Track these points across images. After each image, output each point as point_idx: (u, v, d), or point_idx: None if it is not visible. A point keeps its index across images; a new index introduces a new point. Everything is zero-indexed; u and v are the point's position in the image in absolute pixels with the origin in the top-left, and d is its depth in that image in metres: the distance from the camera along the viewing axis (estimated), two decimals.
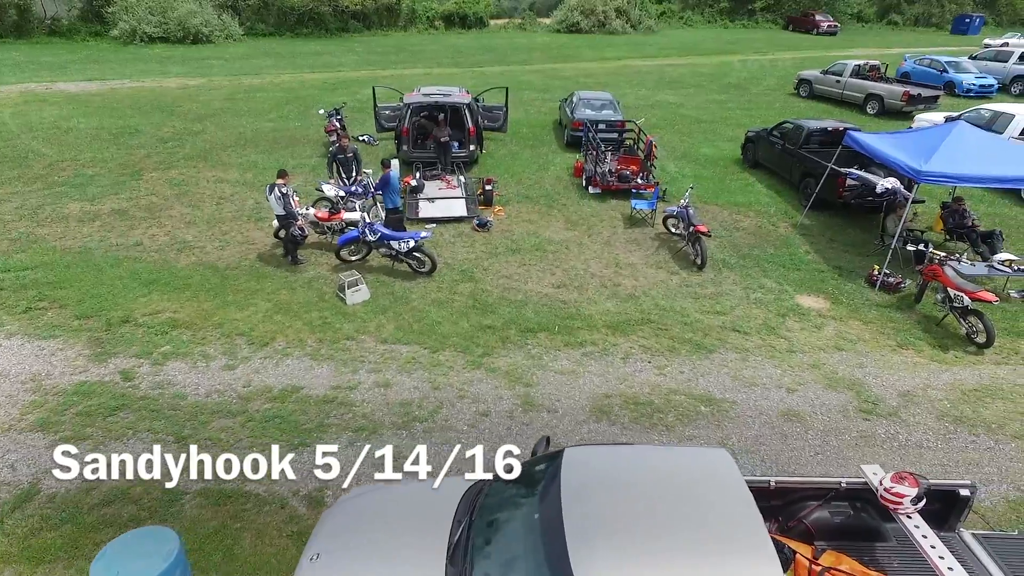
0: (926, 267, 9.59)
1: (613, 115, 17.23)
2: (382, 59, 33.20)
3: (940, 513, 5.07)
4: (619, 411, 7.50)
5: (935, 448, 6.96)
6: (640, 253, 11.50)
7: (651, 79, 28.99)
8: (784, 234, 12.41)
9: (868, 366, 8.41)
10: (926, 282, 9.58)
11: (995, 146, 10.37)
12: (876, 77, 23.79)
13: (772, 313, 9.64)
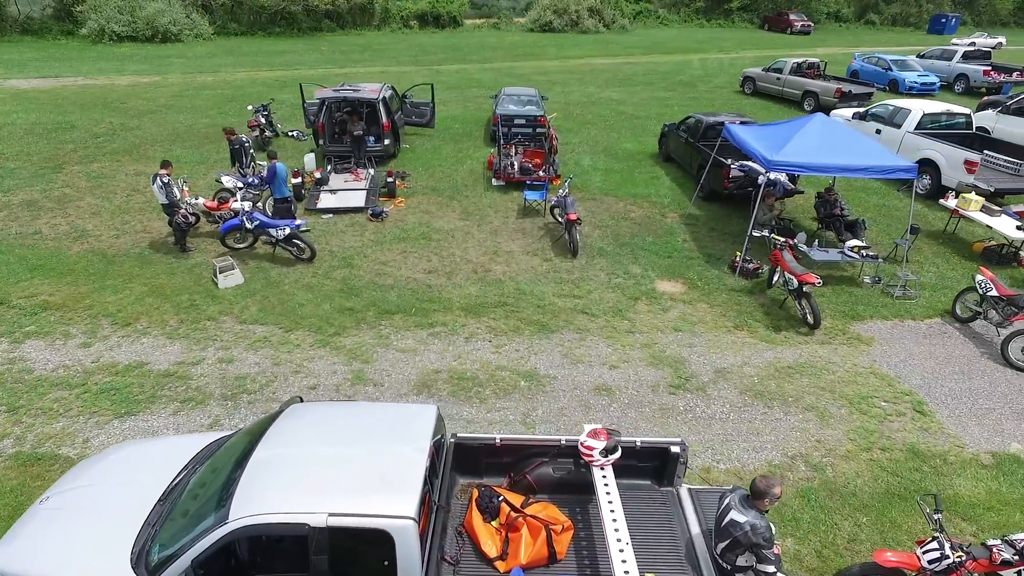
0: (771, 253, 10.02)
1: (535, 111, 17.64)
2: (344, 58, 33.62)
3: (659, 469, 5.52)
4: (441, 385, 7.93)
5: (724, 419, 7.39)
6: (522, 241, 11.94)
7: (604, 77, 29.42)
8: (669, 224, 12.84)
9: (697, 345, 8.85)
10: (772, 267, 10.01)
11: (847, 137, 10.77)
12: (814, 75, 24.21)
13: (626, 297, 10.07)
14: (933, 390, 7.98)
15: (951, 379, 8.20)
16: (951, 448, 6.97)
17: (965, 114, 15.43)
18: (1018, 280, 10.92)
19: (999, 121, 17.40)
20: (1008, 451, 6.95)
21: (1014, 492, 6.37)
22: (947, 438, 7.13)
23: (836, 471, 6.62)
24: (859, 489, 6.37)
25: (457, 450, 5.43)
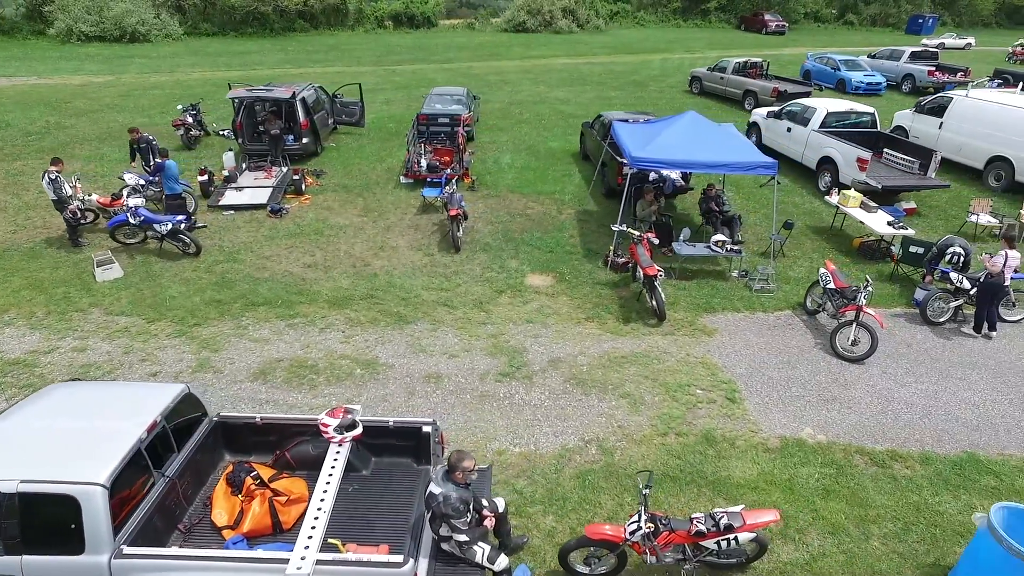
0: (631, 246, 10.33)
1: (460, 110, 17.93)
2: (307, 58, 33.98)
3: (415, 448, 5.83)
4: (279, 373, 8.24)
5: (538, 406, 7.69)
6: (412, 237, 12.25)
7: (559, 77, 29.72)
8: (563, 220, 13.14)
9: (543, 336, 9.15)
10: (634, 261, 10.30)
11: (714, 134, 11.06)
12: (755, 75, 24.49)
13: (493, 290, 10.37)
14: (753, 379, 8.27)
15: (775, 368, 8.49)
16: (744, 433, 7.26)
17: (870, 113, 15.71)
18: (884, 274, 11.20)
19: (915, 120, 17.68)
20: (798, 436, 7.24)
21: (784, 473, 6.67)
22: (745, 424, 7.42)
23: (623, 454, 6.91)
24: (637, 471, 6.65)
25: (223, 429, 5.74)
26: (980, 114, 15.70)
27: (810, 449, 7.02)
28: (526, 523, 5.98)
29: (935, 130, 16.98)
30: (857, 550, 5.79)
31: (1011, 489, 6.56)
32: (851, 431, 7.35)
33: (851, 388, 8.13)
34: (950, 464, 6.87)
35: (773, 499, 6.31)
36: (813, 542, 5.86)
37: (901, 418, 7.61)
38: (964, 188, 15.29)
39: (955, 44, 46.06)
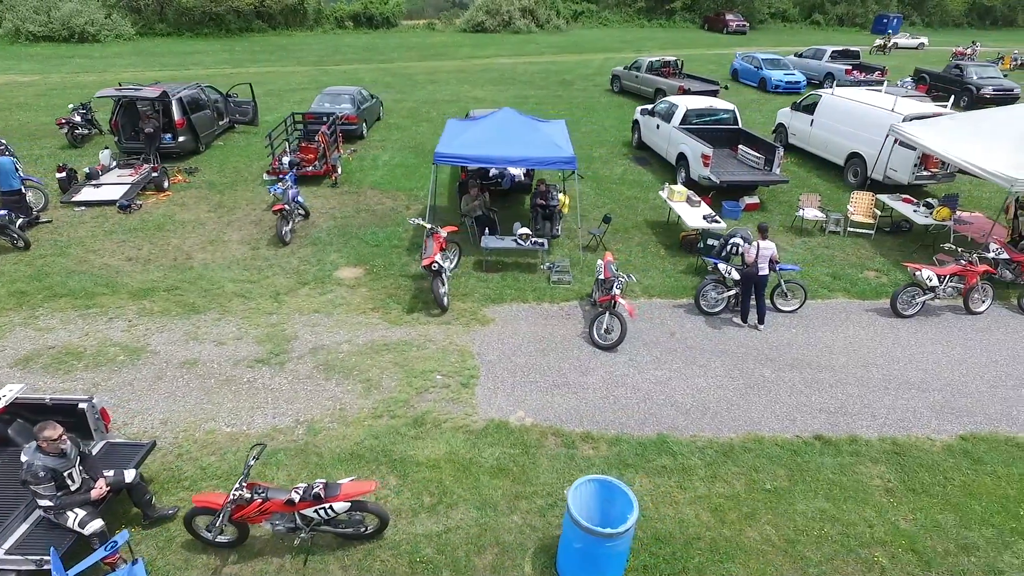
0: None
1: (348, 109, 18.26)
2: (250, 58, 34.33)
3: (78, 424, 6.15)
4: (43, 359, 8.55)
5: (275, 389, 7.99)
6: (248, 232, 12.56)
7: (490, 76, 30.03)
8: (408, 215, 13.43)
9: (321, 325, 9.45)
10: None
11: (524, 130, 11.33)
12: (668, 73, 24.78)
13: (296, 282, 10.68)
14: (499, 366, 8.56)
15: (527, 356, 8.79)
16: (457, 416, 7.56)
17: (729, 110, 15.99)
18: (693, 267, 11.49)
19: (792, 118, 17.98)
20: (506, 419, 7.54)
21: (469, 453, 6.96)
22: (463, 407, 7.72)
23: (327, 435, 7.22)
24: (329, 451, 6.97)
25: None
26: (841, 112, 16.00)
27: (509, 431, 7.33)
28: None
29: (808, 127, 17.29)
30: (494, 523, 6.09)
31: (681, 468, 6.86)
32: (562, 415, 7.65)
33: (590, 375, 8.43)
34: (635, 445, 7.16)
35: (443, 476, 6.61)
36: (456, 515, 6.16)
37: (620, 403, 7.91)
38: (830, 184, 15.57)
39: (908, 44, 46.33)
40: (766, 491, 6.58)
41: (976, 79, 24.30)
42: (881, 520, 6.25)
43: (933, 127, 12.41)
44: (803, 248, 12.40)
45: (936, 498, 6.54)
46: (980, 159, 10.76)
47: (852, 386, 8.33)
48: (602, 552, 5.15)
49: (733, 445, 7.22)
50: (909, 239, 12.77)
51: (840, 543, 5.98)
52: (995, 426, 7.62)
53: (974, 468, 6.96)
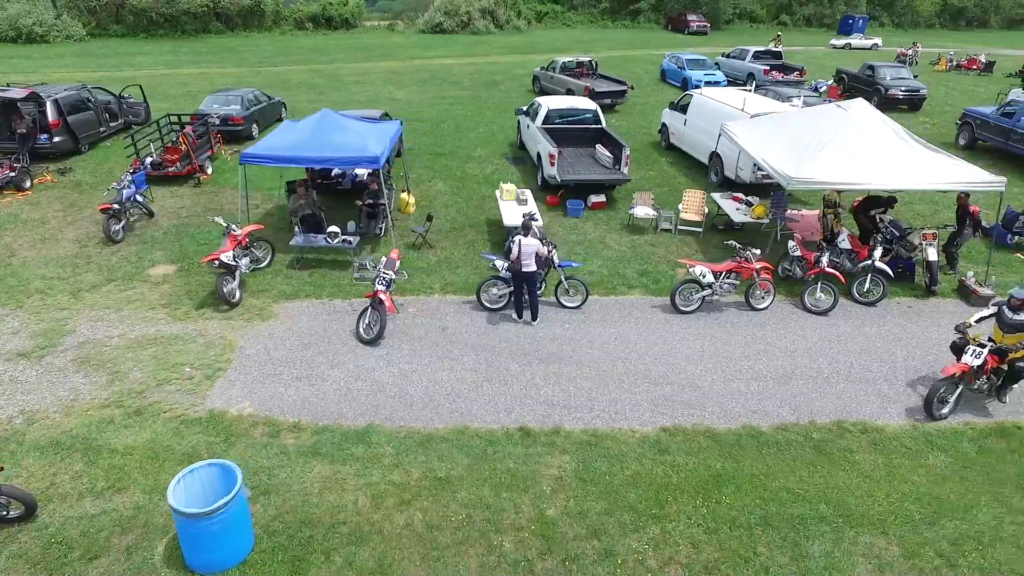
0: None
1: (236, 111, 18.53)
2: (191, 59, 34.67)
3: None
4: None
5: (23, 381, 8.21)
6: (88, 230, 12.81)
7: (419, 77, 30.27)
8: (256, 214, 13.68)
9: (104, 321, 9.70)
10: None
11: (338, 131, 11.45)
12: (582, 73, 25.01)
13: (104, 279, 10.94)
14: (255, 359, 8.80)
15: (287, 350, 9.03)
16: (181, 406, 7.80)
17: (591, 110, 16.21)
18: None
19: (671, 118, 18.21)
20: (227, 409, 7.78)
21: (170, 441, 7.20)
22: (193, 398, 7.97)
23: (43, 424, 7.46)
24: (32, 439, 7.20)
25: None
26: (706, 111, 16.22)
27: (221, 421, 7.57)
28: None
29: (682, 127, 17.52)
30: (152, 508, 6.32)
31: (369, 456, 7.09)
32: (286, 405, 7.89)
33: (338, 368, 8.68)
34: (339, 434, 7.40)
35: (129, 463, 6.86)
36: (119, 500, 6.40)
37: (351, 394, 8.15)
38: (696, 184, 15.66)
39: (861, 44, 46.50)
40: (437, 479, 6.81)
41: (886, 80, 24.48)
42: (532, 508, 6.47)
43: (752, 126, 12.64)
44: (628, 246, 12.63)
45: (599, 487, 6.77)
46: (772, 157, 10.99)
47: (589, 380, 8.55)
48: (200, 531, 5.39)
49: (434, 435, 7.46)
50: (738, 237, 12.93)
51: (478, 529, 6.21)
52: (702, 419, 7.84)
53: (655, 458, 7.18)
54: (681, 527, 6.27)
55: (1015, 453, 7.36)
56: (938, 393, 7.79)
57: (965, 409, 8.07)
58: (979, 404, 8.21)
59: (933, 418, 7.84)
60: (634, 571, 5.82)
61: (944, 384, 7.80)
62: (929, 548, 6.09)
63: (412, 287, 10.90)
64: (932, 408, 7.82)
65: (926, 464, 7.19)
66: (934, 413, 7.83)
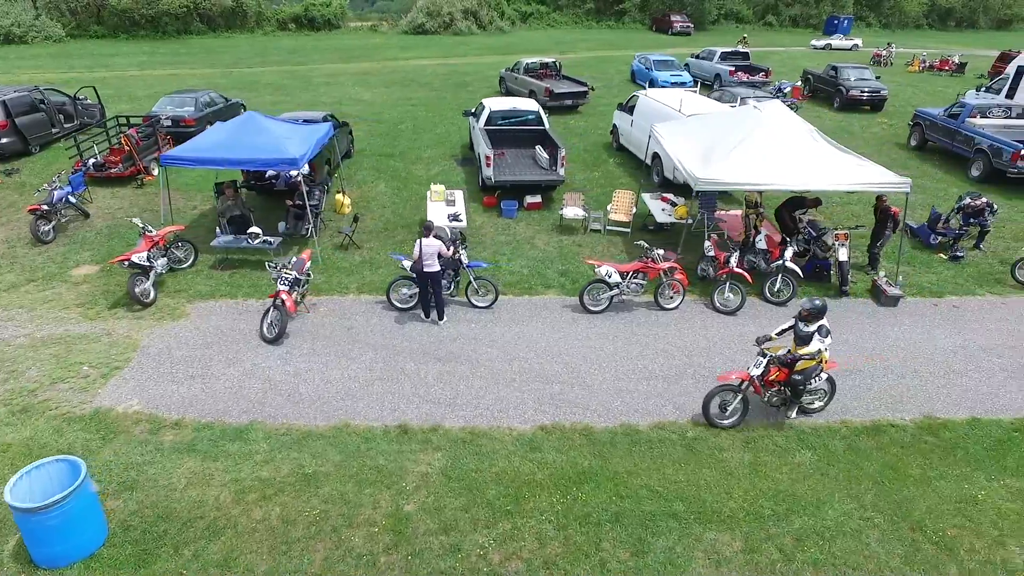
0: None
1: (189, 112, 18.66)
2: (167, 60, 34.89)
3: None
4: None
5: None
6: (19, 231, 12.93)
7: (390, 79, 30.39)
8: (194, 214, 13.81)
9: (15, 320, 9.82)
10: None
11: (258, 133, 11.55)
12: (545, 75, 25.13)
13: (24, 279, 11.07)
14: (154, 358, 8.91)
15: (189, 349, 9.15)
16: (69, 405, 7.92)
17: (534, 111, 16.31)
18: None
19: (620, 119, 18.32)
20: (115, 407, 7.89)
21: (44, 439, 7.32)
22: (83, 396, 8.09)
23: None
24: None
25: None
26: (650, 112, 16.32)
27: (104, 418, 7.69)
28: None
29: (629, 127, 17.63)
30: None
31: (243, 453, 7.20)
32: (174, 403, 8.00)
33: (235, 366, 8.80)
34: (219, 431, 7.52)
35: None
36: None
37: (241, 392, 8.27)
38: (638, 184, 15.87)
39: (842, 45, 46.63)
40: (304, 475, 6.93)
41: (849, 81, 24.59)
42: (390, 504, 6.59)
43: (678, 127, 12.75)
44: (555, 246, 12.74)
45: (462, 483, 6.88)
46: (687, 158, 11.10)
47: (481, 379, 8.66)
48: (38, 526, 5.51)
49: (312, 433, 7.57)
50: (667, 237, 13.03)
51: (332, 523, 6.33)
52: (584, 417, 7.95)
53: (524, 456, 7.30)
54: (532, 523, 6.38)
55: (882, 451, 7.47)
56: (714, 399, 7.61)
57: (844, 408, 8.18)
58: (861, 403, 8.31)
59: (713, 425, 7.67)
60: (475, 565, 5.93)
61: (721, 391, 7.62)
62: (771, 543, 6.20)
63: (329, 287, 11.02)
64: (710, 415, 7.63)
65: (792, 462, 7.29)
66: (713, 420, 7.65)
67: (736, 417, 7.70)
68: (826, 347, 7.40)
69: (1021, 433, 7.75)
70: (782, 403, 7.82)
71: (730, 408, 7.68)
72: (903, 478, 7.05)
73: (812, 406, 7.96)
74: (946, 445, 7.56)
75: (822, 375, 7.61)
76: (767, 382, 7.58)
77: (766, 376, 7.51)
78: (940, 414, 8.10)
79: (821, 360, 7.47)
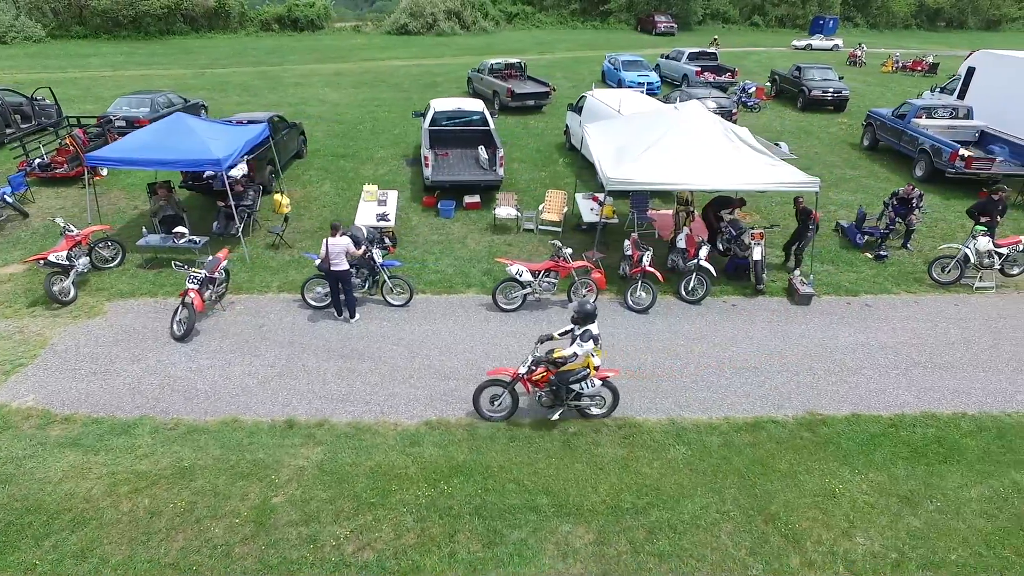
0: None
1: (146, 113, 18.80)
2: (143, 60, 35.02)
3: None
4: None
5: None
6: None
7: (362, 79, 30.52)
8: (133, 214, 13.95)
9: None
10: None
11: (185, 136, 11.68)
12: (510, 75, 25.26)
13: None
14: (61, 355, 9.05)
15: (98, 346, 9.30)
16: None
17: (479, 112, 16.44)
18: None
19: (570, 119, 18.46)
20: (10, 403, 8.04)
21: None
22: None
23: None
24: None
25: None
26: (593, 113, 16.46)
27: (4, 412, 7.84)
28: None
29: (578, 127, 17.75)
30: None
31: (125, 447, 7.35)
32: (70, 399, 8.15)
33: (138, 363, 8.95)
34: (108, 426, 7.68)
35: None
36: None
37: (138, 388, 8.41)
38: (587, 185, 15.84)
39: (822, 46, 46.76)
40: (181, 468, 7.08)
41: (812, 81, 24.73)
42: (258, 496, 6.73)
43: (606, 127, 12.89)
44: (486, 245, 12.88)
45: (335, 476, 7.02)
46: (604, 158, 11.24)
47: (379, 375, 8.81)
48: None
49: (199, 427, 7.72)
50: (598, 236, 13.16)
51: (197, 515, 6.47)
52: (471, 413, 8.07)
53: (403, 450, 7.44)
54: (393, 515, 6.53)
55: (756, 447, 7.60)
56: (484, 392, 7.76)
57: (730, 405, 8.31)
58: (749, 400, 8.44)
59: (483, 417, 7.84)
60: (326, 556, 6.08)
61: (491, 385, 7.74)
62: (623, 536, 6.34)
63: (251, 285, 11.17)
64: (480, 407, 7.81)
65: (664, 457, 7.43)
66: (483, 412, 7.84)
67: (505, 412, 7.84)
68: (586, 352, 7.32)
69: (896, 428, 7.89)
70: (552, 404, 7.79)
71: (499, 402, 7.83)
72: (769, 473, 7.19)
73: (591, 411, 7.92)
74: (820, 440, 7.69)
75: (595, 381, 7.50)
76: (534, 381, 7.60)
77: (531, 375, 7.55)
78: (823, 410, 8.23)
79: (588, 365, 7.42)
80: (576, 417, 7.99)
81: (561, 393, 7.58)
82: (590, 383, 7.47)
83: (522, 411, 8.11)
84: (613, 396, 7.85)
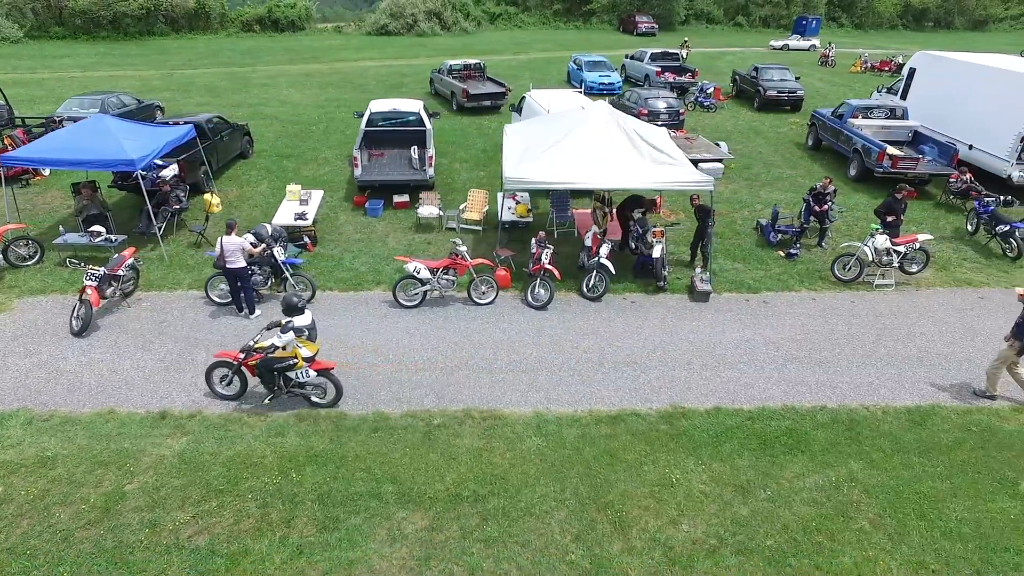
0: None
1: (96, 113, 19.03)
2: (115, 61, 35.33)
3: None
4: None
5: None
6: None
7: (330, 80, 30.76)
8: (66, 213, 14.18)
9: None
10: None
11: (102, 136, 11.88)
12: (468, 76, 25.48)
13: None
14: None
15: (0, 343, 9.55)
16: None
17: (415, 112, 16.61)
18: None
19: (514, 118, 18.64)
20: None
21: None
22: None
23: None
24: None
25: None
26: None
27: None
28: None
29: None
30: None
31: (3, 437, 7.59)
32: None
33: (30, 358, 9.18)
34: None
35: None
36: None
37: (25, 382, 8.65)
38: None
39: (799, 46, 46.99)
40: (44, 458, 7.30)
41: (768, 81, 24.93)
42: (113, 483, 6.96)
43: (522, 128, 13.12)
44: (405, 244, 13.10)
45: (192, 465, 7.24)
46: (508, 157, 11.47)
47: None
48: None
49: (73, 419, 7.95)
50: (521, 233, 13.36)
51: (47, 502, 6.70)
52: (343, 405, 8.29)
53: (266, 440, 7.66)
54: (237, 501, 6.75)
55: (611, 438, 7.81)
56: (215, 371, 8.22)
57: (598, 398, 8.52)
58: (618, 393, 8.65)
59: (216, 394, 8.32)
60: (166, 539, 6.30)
61: (219, 366, 8.17)
62: (455, 523, 6.56)
63: (164, 282, 11.41)
64: (212, 384, 8.29)
65: (519, 448, 7.64)
66: (214, 389, 8.32)
67: (236, 390, 8.29)
68: (287, 343, 7.68)
69: (753, 421, 8.09)
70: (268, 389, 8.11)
71: (226, 381, 8.27)
72: (615, 463, 7.40)
73: (313, 399, 8.22)
74: (675, 433, 7.90)
75: (309, 372, 7.86)
76: (248, 366, 8.02)
77: (247, 360, 7.95)
78: (688, 404, 8.44)
79: (296, 355, 7.78)
80: (447, 408, 8.20)
81: (266, 378, 7.91)
82: (304, 373, 7.84)
83: (385, 404, 8.32)
84: (335, 388, 8.13)
